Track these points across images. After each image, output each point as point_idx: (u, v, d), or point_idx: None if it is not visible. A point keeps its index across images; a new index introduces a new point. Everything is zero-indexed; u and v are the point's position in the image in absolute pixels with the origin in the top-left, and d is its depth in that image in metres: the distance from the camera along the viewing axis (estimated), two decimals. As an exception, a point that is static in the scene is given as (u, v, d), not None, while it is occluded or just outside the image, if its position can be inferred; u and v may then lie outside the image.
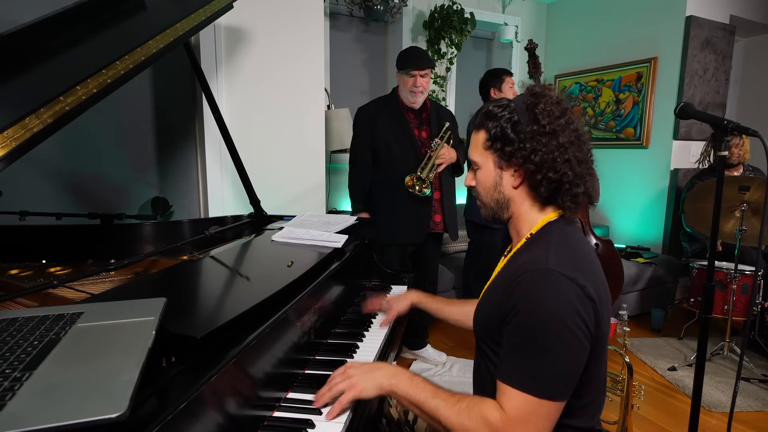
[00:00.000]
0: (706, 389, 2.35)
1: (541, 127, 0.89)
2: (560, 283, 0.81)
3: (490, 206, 0.99)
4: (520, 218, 0.97)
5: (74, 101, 0.94)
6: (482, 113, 0.96)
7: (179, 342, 0.74)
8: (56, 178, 2.09)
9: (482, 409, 0.82)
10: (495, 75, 2.72)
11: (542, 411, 0.79)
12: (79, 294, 1.04)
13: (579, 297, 0.80)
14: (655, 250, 3.67)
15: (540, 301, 0.80)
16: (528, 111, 0.91)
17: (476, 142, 0.98)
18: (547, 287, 0.81)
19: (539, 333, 0.79)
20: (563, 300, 0.80)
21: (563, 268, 0.82)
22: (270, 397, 0.91)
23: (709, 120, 1.33)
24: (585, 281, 0.82)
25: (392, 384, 0.90)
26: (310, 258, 1.31)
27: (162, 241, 1.60)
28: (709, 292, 1.36)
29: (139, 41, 1.15)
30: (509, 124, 0.92)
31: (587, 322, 0.81)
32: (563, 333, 0.79)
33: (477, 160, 0.98)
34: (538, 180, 0.90)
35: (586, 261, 0.88)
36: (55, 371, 0.56)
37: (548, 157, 0.88)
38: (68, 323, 0.68)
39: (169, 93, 2.30)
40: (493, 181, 0.96)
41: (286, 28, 2.30)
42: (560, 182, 0.90)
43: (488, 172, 0.97)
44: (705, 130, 3.52)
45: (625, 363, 1.64)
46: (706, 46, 3.47)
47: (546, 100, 0.91)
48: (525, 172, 0.92)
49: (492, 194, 0.98)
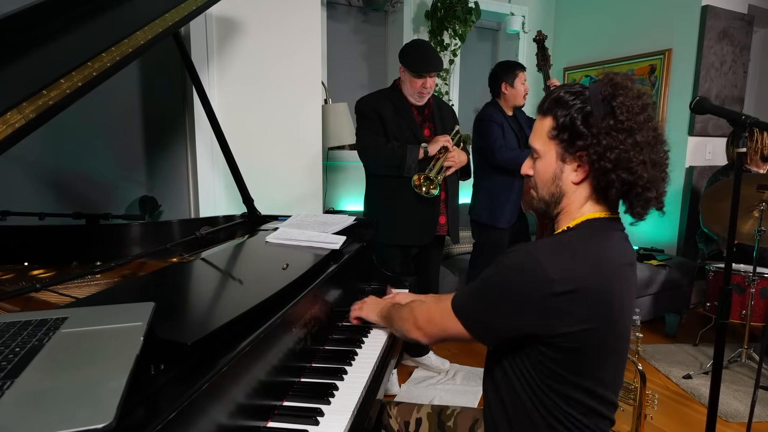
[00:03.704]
0: (723, 398, 2.35)
1: (619, 123, 0.86)
2: (529, 266, 0.86)
3: (544, 199, 0.98)
4: (566, 214, 0.96)
5: (58, 95, 0.94)
6: (552, 99, 0.93)
7: (169, 348, 0.74)
8: (39, 176, 2.09)
9: (413, 304, 1.14)
10: (507, 68, 2.71)
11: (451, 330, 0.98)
12: (63, 298, 1.04)
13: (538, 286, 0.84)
14: (669, 251, 3.67)
15: (506, 270, 0.89)
16: (604, 103, 0.87)
17: (540, 129, 0.95)
18: (517, 264, 0.88)
19: (489, 287, 0.92)
20: (521, 280, 0.86)
21: (545, 258, 0.85)
22: (264, 405, 0.91)
23: (727, 115, 1.33)
24: (559, 274, 0.84)
25: (380, 310, 1.31)
26: (307, 260, 1.31)
27: (150, 243, 1.60)
28: (726, 296, 1.37)
29: (127, 32, 1.15)
30: (580, 115, 0.89)
31: (533, 311, 0.85)
32: (503, 293, 0.88)
33: (538, 148, 0.96)
34: (610, 180, 0.88)
35: (587, 260, 0.87)
36: (37, 379, 0.56)
37: (624, 156, 0.86)
38: (52, 329, 0.68)
39: (158, 87, 2.30)
40: (553, 173, 0.95)
41: (281, 18, 2.30)
42: (633, 185, 0.88)
43: (549, 163, 0.95)
44: (722, 126, 3.52)
45: (638, 371, 1.64)
46: (723, 37, 3.47)
47: (626, 93, 0.87)
48: (593, 169, 0.89)
49: (549, 187, 0.96)
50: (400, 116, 2.31)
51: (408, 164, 2.20)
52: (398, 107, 2.32)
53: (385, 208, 2.34)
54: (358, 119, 2.37)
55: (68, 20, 1.14)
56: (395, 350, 1.38)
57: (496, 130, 2.62)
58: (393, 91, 2.37)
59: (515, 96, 2.69)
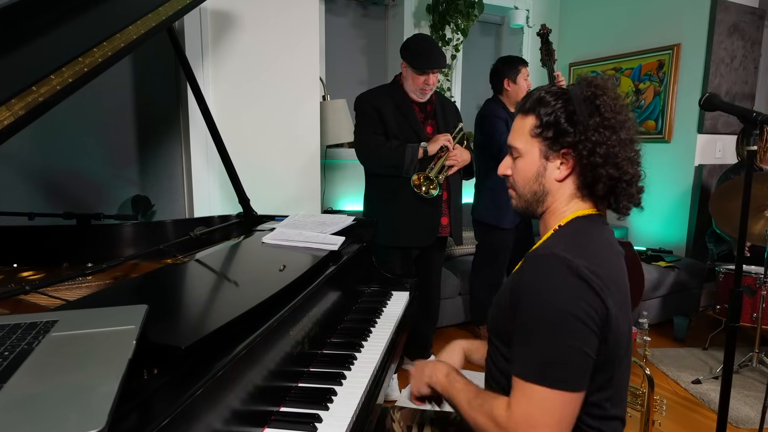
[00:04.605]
0: (734, 404, 2.35)
1: (605, 120, 0.91)
2: (561, 267, 0.84)
3: (525, 198, 1.01)
4: (553, 213, 0.99)
5: (48, 91, 0.94)
6: (534, 99, 0.97)
7: (162, 352, 0.74)
8: (28, 174, 2.09)
9: (492, 405, 0.88)
10: (509, 64, 2.71)
11: (556, 403, 0.81)
12: (53, 301, 1.04)
13: (581, 278, 0.83)
14: (678, 253, 3.67)
15: (540, 287, 0.85)
16: (587, 102, 0.93)
17: (521, 128, 0.99)
18: (549, 272, 0.85)
19: (543, 320, 0.83)
20: (563, 284, 0.83)
21: (568, 253, 0.85)
22: (261, 411, 0.91)
23: (737, 112, 1.33)
24: (592, 272, 0.84)
25: (432, 380, 1.06)
26: (304, 261, 1.31)
27: (143, 244, 1.60)
28: (737, 299, 1.37)
29: (119, 26, 1.15)
30: (564, 114, 0.93)
31: (594, 308, 0.83)
32: (567, 318, 0.82)
33: (520, 147, 0.99)
34: (598, 175, 0.92)
35: (602, 257, 0.90)
36: (27, 384, 0.56)
37: (612, 152, 0.90)
38: (42, 332, 0.68)
39: (152, 83, 2.30)
40: (536, 171, 0.98)
41: (277, 12, 2.30)
42: (618, 180, 0.92)
43: (531, 161, 0.98)
44: (732, 123, 3.52)
45: (646, 375, 1.64)
46: (733, 31, 3.47)
47: (607, 93, 0.93)
48: (581, 165, 0.93)
49: (531, 185, 0.99)
50: (401, 113, 2.30)
51: (407, 164, 2.19)
52: (399, 104, 2.30)
53: (386, 208, 2.33)
54: (357, 116, 2.35)
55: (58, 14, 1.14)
56: (396, 354, 1.38)
57: (501, 126, 2.62)
58: (394, 87, 2.35)
59: (518, 92, 2.69)
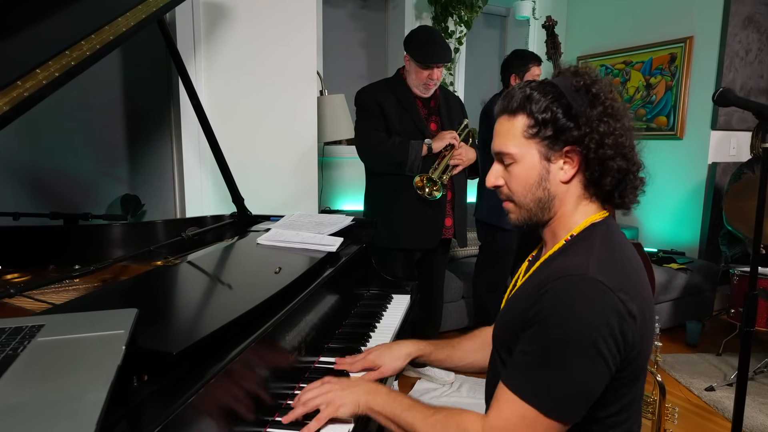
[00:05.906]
0: (749, 411, 2.34)
1: (608, 108, 0.88)
2: (599, 294, 0.80)
3: (528, 208, 0.94)
4: (561, 219, 0.94)
5: (34, 86, 0.94)
6: (520, 97, 0.91)
7: (152, 358, 0.73)
8: (13, 173, 2.09)
9: (460, 420, 0.85)
10: (521, 59, 2.67)
11: (539, 428, 0.80)
12: (39, 304, 1.04)
13: (618, 313, 0.80)
14: (690, 254, 3.67)
15: (573, 312, 0.80)
16: (580, 93, 0.89)
17: (510, 131, 0.92)
18: (584, 297, 0.81)
19: (563, 345, 0.80)
20: (599, 314, 0.79)
21: (605, 278, 0.81)
22: (255, 420, 0.91)
23: (752, 107, 1.33)
24: (628, 295, 0.82)
25: (368, 400, 0.94)
26: (301, 263, 1.31)
27: (133, 245, 1.60)
28: (752, 302, 1.37)
29: (108, 18, 1.15)
30: (560, 108, 0.88)
31: (619, 344, 0.81)
32: (590, 351, 0.79)
33: (514, 152, 0.92)
34: (607, 168, 0.88)
35: (631, 269, 0.88)
36: (12, 391, 0.56)
37: (620, 142, 0.87)
38: (27, 337, 0.68)
39: (142, 77, 2.30)
40: (538, 175, 0.91)
41: (273, 3, 2.30)
42: (627, 171, 0.89)
43: (530, 165, 0.91)
44: (747, 119, 3.52)
45: (657, 382, 1.64)
46: (748, 23, 3.47)
47: (599, 81, 0.91)
48: (588, 160, 0.89)
49: (534, 193, 0.92)
50: (403, 109, 2.29)
51: (410, 162, 2.18)
52: (402, 99, 2.30)
53: (387, 208, 2.32)
54: (358, 112, 2.35)
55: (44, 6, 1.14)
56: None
57: None
58: (396, 81, 2.35)
59: None
